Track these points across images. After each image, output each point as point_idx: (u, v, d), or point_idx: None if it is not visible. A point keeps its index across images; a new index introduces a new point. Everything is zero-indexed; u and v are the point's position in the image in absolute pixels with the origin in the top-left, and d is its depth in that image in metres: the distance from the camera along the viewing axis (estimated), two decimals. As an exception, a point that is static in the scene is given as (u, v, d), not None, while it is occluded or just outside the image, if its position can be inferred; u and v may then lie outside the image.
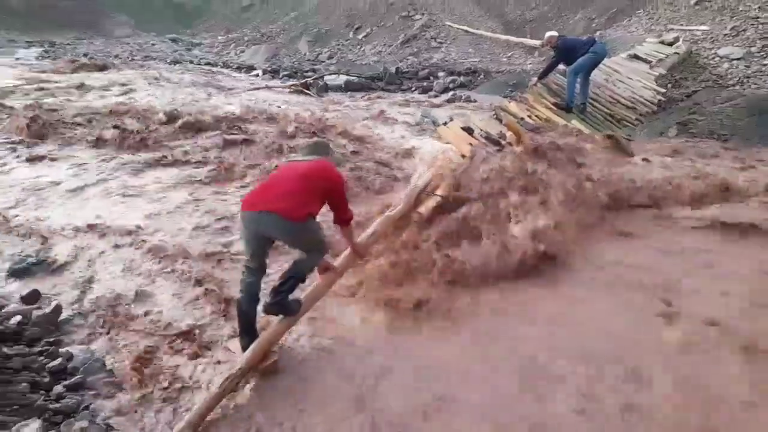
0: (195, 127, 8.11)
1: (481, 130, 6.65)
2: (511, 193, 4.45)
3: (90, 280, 4.18)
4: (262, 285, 3.29)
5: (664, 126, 8.12)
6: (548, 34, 8.27)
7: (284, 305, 3.22)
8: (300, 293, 3.41)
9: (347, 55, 20.78)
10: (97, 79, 13.21)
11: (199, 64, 20.41)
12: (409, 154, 7.52)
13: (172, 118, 8.39)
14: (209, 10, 36.81)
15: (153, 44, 27.92)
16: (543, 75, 8.39)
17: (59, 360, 3.20)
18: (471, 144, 6.02)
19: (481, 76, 14.66)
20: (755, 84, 8.88)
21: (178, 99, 11.37)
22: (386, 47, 20.05)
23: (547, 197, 4.41)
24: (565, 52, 7.87)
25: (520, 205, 4.33)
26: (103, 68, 15.49)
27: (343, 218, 3.36)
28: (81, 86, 12.13)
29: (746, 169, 5.68)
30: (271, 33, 27.41)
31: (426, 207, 4.65)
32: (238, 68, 19.83)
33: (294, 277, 3.23)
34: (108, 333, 3.56)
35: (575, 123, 7.42)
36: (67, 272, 4.31)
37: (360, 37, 21.88)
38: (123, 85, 12.78)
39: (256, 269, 3.22)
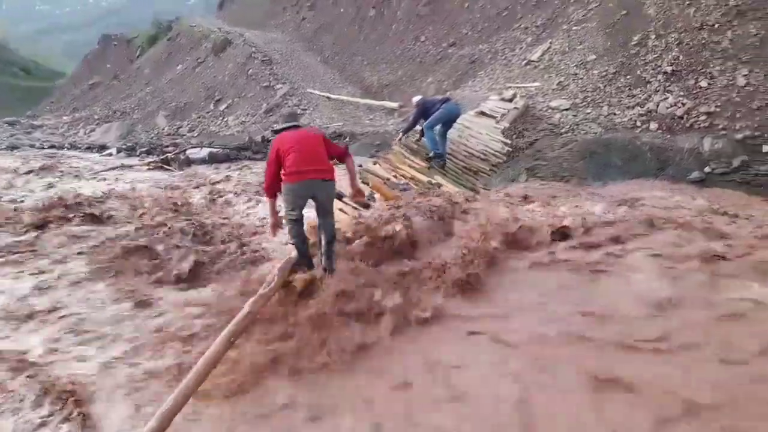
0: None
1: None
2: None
3: None
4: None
5: (514, 173, 8.85)
6: (414, 99, 8.91)
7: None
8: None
9: (209, 126, 20.34)
10: None
11: (42, 148, 18.67)
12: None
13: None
14: (53, 89, 34.29)
15: (-16, 129, 25.15)
16: (407, 130, 8.86)
17: None
18: (341, 210, 5.99)
19: (347, 139, 15.06)
20: (583, 130, 10.09)
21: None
22: (249, 117, 19.98)
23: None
24: (425, 110, 8.43)
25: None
26: None
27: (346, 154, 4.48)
28: None
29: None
30: (124, 109, 26.06)
31: (300, 279, 4.46)
32: (89, 148, 18.49)
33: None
34: None
35: (438, 178, 7.79)
36: None
37: (221, 108, 21.60)
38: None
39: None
